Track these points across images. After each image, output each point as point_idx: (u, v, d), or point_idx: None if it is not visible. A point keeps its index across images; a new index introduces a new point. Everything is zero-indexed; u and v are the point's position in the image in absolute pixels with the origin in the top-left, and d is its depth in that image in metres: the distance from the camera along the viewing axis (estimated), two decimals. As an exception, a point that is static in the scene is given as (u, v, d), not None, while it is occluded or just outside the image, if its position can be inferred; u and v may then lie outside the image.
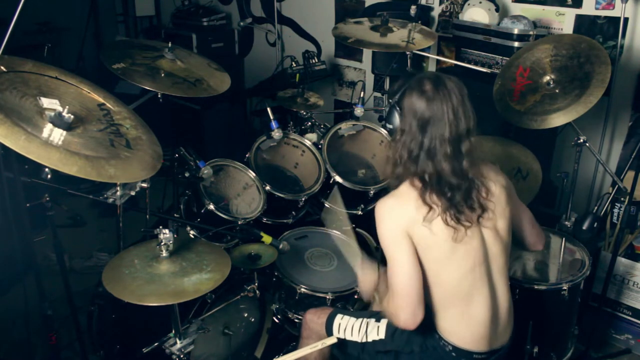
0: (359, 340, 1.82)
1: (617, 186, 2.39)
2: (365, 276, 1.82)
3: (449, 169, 1.54)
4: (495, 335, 1.66)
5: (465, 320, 1.62)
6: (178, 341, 1.76)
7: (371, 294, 1.81)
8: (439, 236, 1.54)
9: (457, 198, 1.54)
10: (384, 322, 1.80)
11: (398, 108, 1.60)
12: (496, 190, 1.64)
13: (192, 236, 2.26)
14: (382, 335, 1.78)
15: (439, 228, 1.54)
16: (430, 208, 1.53)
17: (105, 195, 1.92)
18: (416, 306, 1.54)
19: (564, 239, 2.31)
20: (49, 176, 1.72)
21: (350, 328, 1.84)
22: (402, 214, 1.56)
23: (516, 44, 2.80)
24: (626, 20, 2.76)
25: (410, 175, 1.59)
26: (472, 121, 1.56)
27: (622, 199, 2.44)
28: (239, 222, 2.29)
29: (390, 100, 1.66)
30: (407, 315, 1.54)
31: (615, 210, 2.66)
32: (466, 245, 1.57)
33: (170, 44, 2.42)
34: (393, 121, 1.63)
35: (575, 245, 2.26)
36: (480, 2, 3.03)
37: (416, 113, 1.54)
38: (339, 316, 1.89)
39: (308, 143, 2.78)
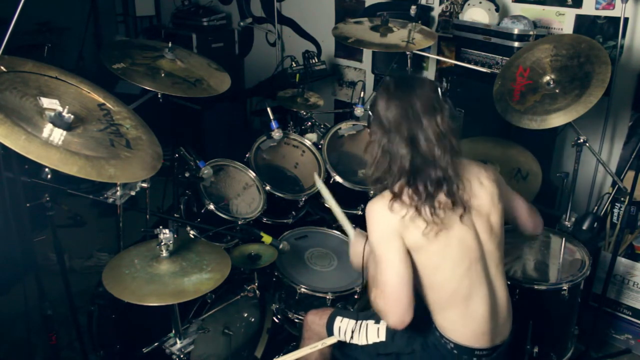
0: (360, 344, 1.81)
1: (617, 186, 2.39)
2: (357, 241, 1.80)
3: (429, 165, 1.53)
4: (496, 331, 1.66)
5: (465, 319, 1.62)
6: (178, 341, 1.76)
7: (359, 265, 1.78)
8: (430, 235, 1.53)
9: (438, 194, 1.53)
10: (383, 324, 1.79)
11: (371, 112, 1.65)
12: (487, 185, 1.64)
13: (192, 236, 2.26)
14: (382, 338, 1.78)
15: (425, 226, 1.53)
16: (415, 207, 1.53)
17: (105, 195, 1.92)
18: (405, 309, 1.52)
19: (564, 239, 2.31)
20: (49, 176, 1.72)
21: (351, 331, 1.83)
22: (394, 216, 1.55)
23: (516, 44, 2.80)
24: (626, 20, 2.76)
25: (391, 175, 1.58)
26: (446, 115, 1.56)
27: (622, 199, 2.44)
28: (239, 222, 2.29)
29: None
30: (396, 317, 1.53)
31: (615, 210, 2.66)
32: (461, 245, 1.57)
33: (170, 44, 2.42)
34: (370, 125, 1.67)
35: (575, 245, 2.26)
36: (480, 2, 3.03)
37: (386, 114, 1.56)
38: (338, 319, 1.89)
39: (308, 143, 2.78)
